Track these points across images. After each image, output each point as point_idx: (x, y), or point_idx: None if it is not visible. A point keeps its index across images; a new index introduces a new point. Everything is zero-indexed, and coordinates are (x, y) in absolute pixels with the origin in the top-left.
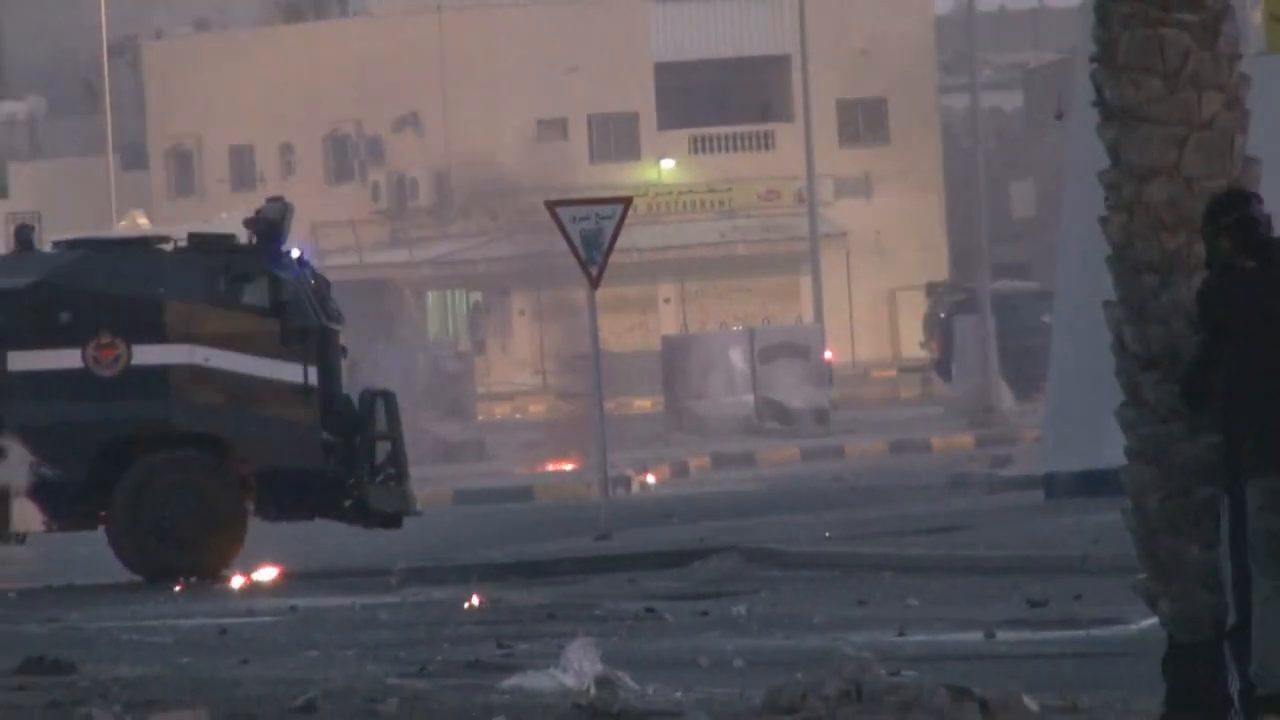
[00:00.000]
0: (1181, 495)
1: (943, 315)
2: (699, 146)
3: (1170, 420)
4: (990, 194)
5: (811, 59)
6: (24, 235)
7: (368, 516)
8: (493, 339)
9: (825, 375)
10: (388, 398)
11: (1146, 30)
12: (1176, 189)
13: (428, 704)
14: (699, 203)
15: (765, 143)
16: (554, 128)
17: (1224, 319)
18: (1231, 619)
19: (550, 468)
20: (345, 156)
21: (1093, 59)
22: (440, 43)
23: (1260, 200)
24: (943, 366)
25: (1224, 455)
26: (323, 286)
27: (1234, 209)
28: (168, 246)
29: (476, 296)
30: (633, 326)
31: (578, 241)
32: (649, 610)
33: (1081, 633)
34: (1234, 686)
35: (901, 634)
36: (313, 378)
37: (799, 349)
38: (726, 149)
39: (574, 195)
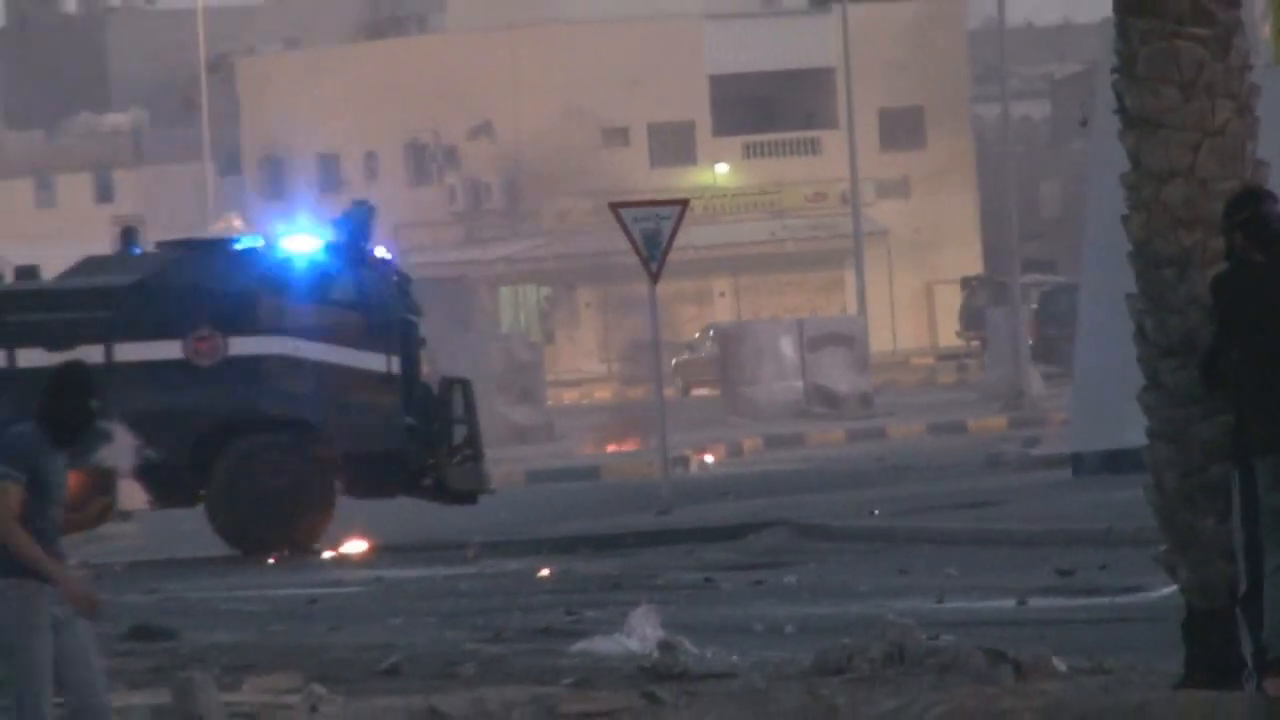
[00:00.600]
0: (1198, 472)
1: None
2: (750, 152)
3: (1187, 403)
4: (1020, 195)
5: (854, 71)
6: (129, 237)
7: (446, 494)
8: (561, 330)
9: (868, 362)
10: (464, 385)
11: (1163, 44)
12: (1192, 190)
13: (503, 667)
14: (751, 204)
15: (812, 148)
16: (617, 135)
17: (1234, 309)
18: (1243, 586)
19: (614, 449)
20: (424, 162)
21: (1114, 70)
22: (511, 57)
23: (1275, 199)
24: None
25: (1235, 434)
26: (404, 282)
27: (1247, 206)
28: (260, 246)
29: (546, 291)
30: (690, 318)
31: (639, 240)
32: (707, 580)
33: (1107, 600)
34: (1247, 649)
35: (940, 601)
36: (395, 367)
37: (844, 338)
38: (776, 154)
39: (635, 198)
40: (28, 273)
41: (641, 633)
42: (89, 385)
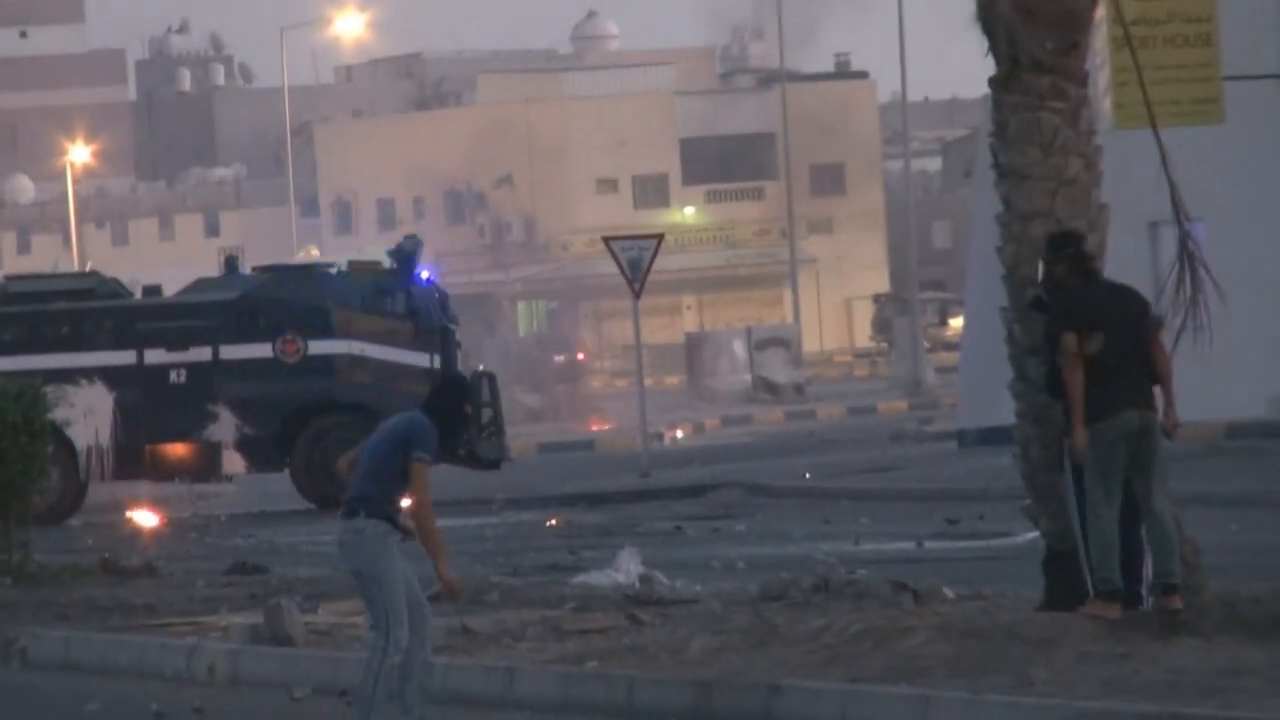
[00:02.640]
0: (1054, 445)
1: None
2: (712, 197)
3: (1045, 392)
4: (918, 231)
5: (790, 135)
6: (231, 263)
7: (476, 462)
8: (565, 335)
9: (801, 359)
10: (490, 377)
11: (1028, 114)
12: (1050, 227)
13: (519, 595)
14: (711, 237)
15: (758, 195)
16: (608, 185)
17: (1085, 319)
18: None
19: (603, 427)
20: (459, 206)
21: (991, 134)
22: (527, 125)
23: (1085, 239)
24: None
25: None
26: (444, 298)
27: (1070, 245)
28: (333, 270)
29: (553, 304)
30: (664, 325)
31: (625, 265)
32: (677, 528)
33: (984, 543)
34: (1088, 581)
35: (857, 544)
36: (436, 363)
37: (783, 341)
38: (730, 199)
39: (622, 233)
40: (153, 291)
41: (626, 569)
42: (467, 393)
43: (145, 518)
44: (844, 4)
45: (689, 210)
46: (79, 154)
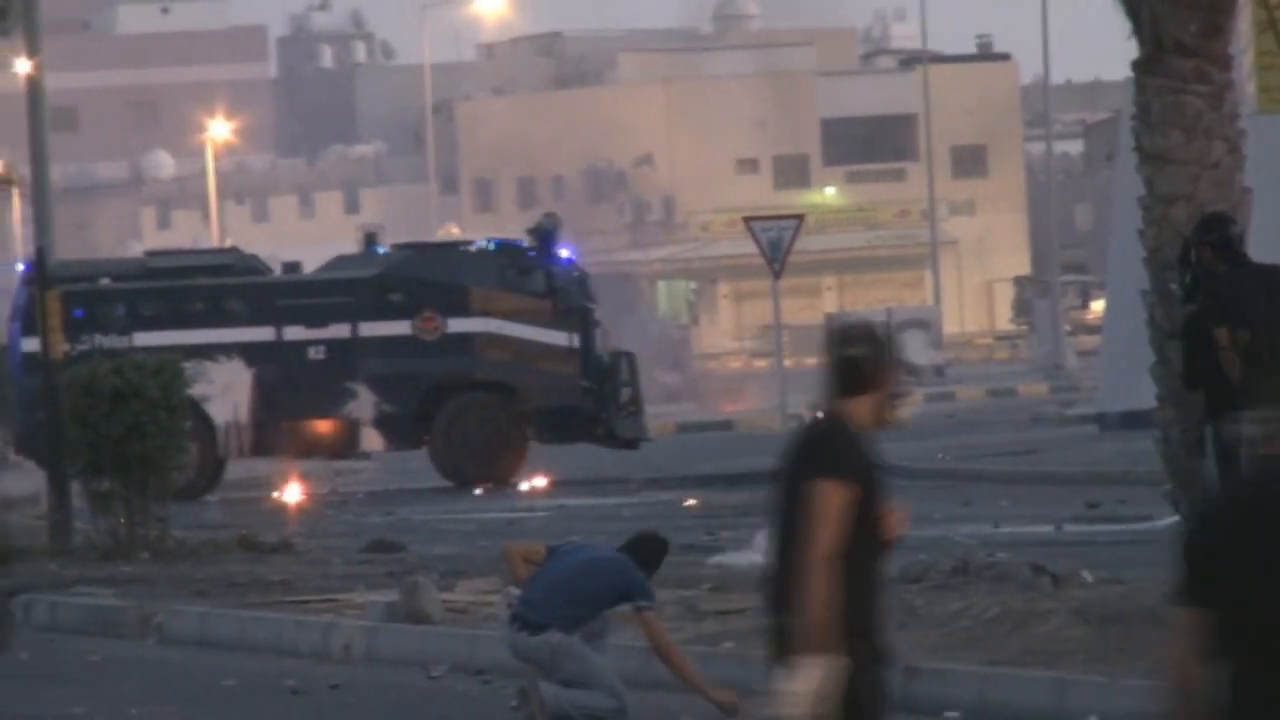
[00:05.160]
0: (1195, 429)
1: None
2: (852, 178)
3: (1183, 382)
4: (1059, 213)
5: (932, 116)
6: (370, 240)
7: (615, 441)
8: (704, 315)
9: (941, 341)
10: (629, 356)
11: (1171, 97)
12: (1193, 210)
13: (656, 575)
14: (851, 219)
15: (899, 176)
16: (748, 165)
17: (1235, 309)
18: None
19: (745, 407)
20: (599, 184)
21: (1134, 117)
22: (667, 104)
23: (1236, 223)
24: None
25: (1207, 400)
26: (583, 277)
27: (1216, 229)
28: (472, 248)
29: (692, 285)
30: (804, 307)
31: (765, 246)
32: None
33: (1124, 527)
34: None
35: (996, 527)
36: (575, 342)
37: (923, 323)
38: (871, 180)
39: (763, 214)
40: (292, 268)
41: (765, 549)
42: (667, 551)
43: (285, 494)
44: None
45: (829, 191)
46: (219, 130)
